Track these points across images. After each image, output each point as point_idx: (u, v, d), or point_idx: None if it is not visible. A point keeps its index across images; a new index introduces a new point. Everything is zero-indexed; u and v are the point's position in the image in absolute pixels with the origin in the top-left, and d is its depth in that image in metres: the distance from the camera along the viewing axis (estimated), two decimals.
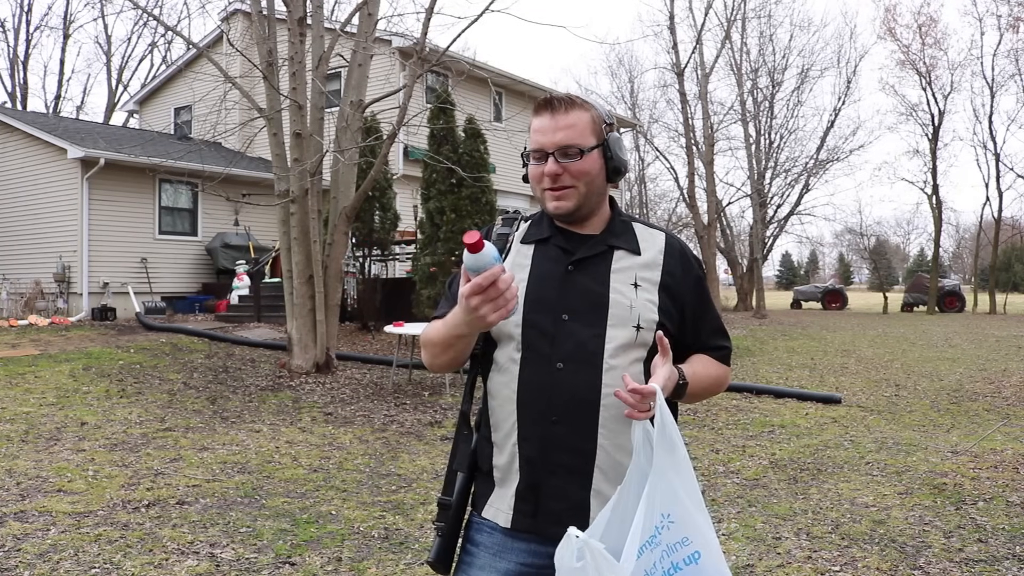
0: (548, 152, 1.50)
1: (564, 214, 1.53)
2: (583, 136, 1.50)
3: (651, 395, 1.34)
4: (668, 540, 1.30)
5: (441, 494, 1.54)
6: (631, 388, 1.34)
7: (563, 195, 1.51)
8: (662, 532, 1.29)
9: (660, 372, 1.40)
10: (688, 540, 1.31)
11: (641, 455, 1.34)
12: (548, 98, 1.52)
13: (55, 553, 3.62)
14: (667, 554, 1.29)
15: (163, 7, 30.84)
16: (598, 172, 1.53)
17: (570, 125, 1.49)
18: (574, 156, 1.49)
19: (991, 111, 30.68)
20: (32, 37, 30.21)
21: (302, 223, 8.88)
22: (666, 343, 1.43)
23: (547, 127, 1.50)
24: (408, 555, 3.74)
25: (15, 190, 14.65)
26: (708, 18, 29.24)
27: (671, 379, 1.42)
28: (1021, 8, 25.11)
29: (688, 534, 1.31)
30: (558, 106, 1.51)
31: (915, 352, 13.30)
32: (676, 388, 1.45)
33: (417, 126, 11.08)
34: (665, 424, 1.33)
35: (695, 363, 1.55)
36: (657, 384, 1.36)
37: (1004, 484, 4.97)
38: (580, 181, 1.50)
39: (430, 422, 7.02)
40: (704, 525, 1.33)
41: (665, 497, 1.31)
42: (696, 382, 1.51)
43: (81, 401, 7.19)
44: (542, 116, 1.52)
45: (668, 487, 1.31)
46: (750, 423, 7.14)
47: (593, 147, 1.51)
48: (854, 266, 70.27)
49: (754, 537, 4.02)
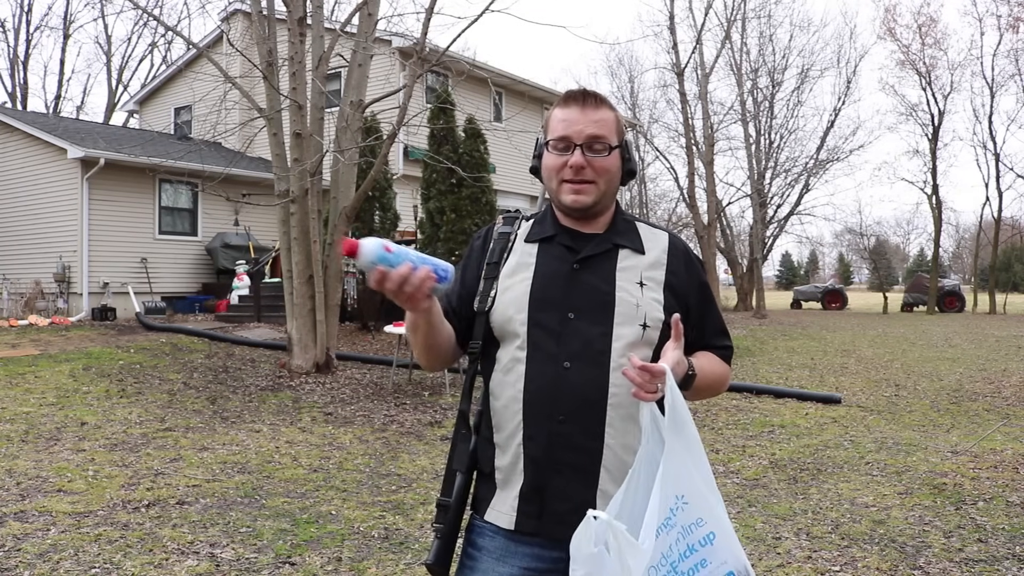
0: (575, 143, 1.48)
1: (581, 208, 1.51)
2: (610, 133, 1.50)
3: (660, 375, 1.33)
4: (683, 522, 1.30)
5: (440, 495, 1.52)
6: (639, 366, 1.33)
7: (583, 189, 1.50)
8: (677, 514, 1.29)
9: (671, 355, 1.39)
10: (703, 521, 1.31)
11: (650, 439, 1.34)
12: (582, 90, 1.52)
13: (55, 553, 3.62)
14: (682, 536, 1.29)
15: (163, 7, 30.86)
16: (617, 172, 1.53)
17: (601, 120, 1.49)
18: (601, 151, 1.49)
19: (991, 111, 30.72)
20: (32, 37, 30.23)
21: (302, 223, 8.88)
22: (680, 328, 1.41)
23: (577, 118, 1.49)
24: (408, 555, 3.74)
25: (15, 190, 14.65)
26: (708, 18, 29.22)
27: (681, 364, 1.40)
28: (1021, 8, 25.13)
29: (702, 515, 1.31)
30: (590, 100, 1.50)
31: (915, 352, 13.30)
32: (685, 377, 1.43)
33: (417, 126, 11.09)
34: (675, 404, 1.32)
35: (702, 359, 1.55)
36: (667, 364, 1.35)
37: (1004, 484, 4.97)
38: (602, 178, 1.50)
39: (430, 422, 7.01)
40: (716, 505, 1.33)
41: (679, 479, 1.30)
42: (703, 376, 1.50)
43: (81, 401, 7.19)
44: (571, 107, 1.50)
45: (681, 468, 1.31)
46: (750, 423, 7.14)
47: (617, 146, 1.51)
48: (854, 266, 70.24)
49: (754, 537, 4.01)
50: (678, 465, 1.31)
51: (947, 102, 27.09)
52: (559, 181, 1.51)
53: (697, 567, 1.29)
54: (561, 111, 1.51)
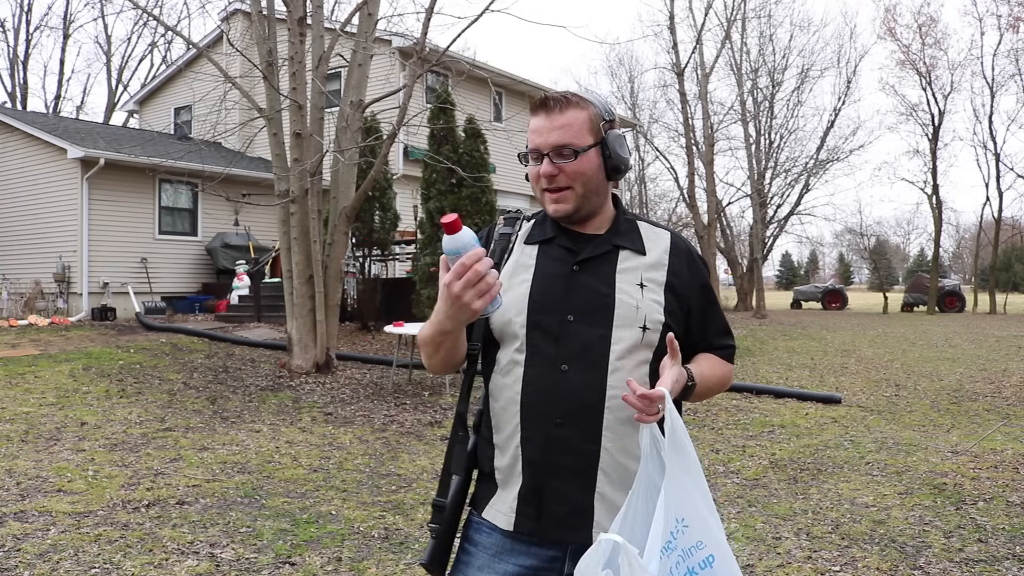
0: (543, 152, 1.48)
1: (563, 216, 1.52)
2: (579, 135, 1.48)
3: (659, 399, 1.33)
4: (683, 544, 1.30)
5: (436, 496, 1.52)
6: (639, 394, 1.32)
7: (560, 197, 1.50)
8: (677, 537, 1.29)
9: (668, 374, 1.40)
10: (702, 544, 1.31)
11: (649, 460, 1.34)
12: (543, 97, 1.50)
13: (55, 553, 3.62)
14: (683, 559, 1.30)
15: (163, 7, 30.84)
16: (595, 171, 1.50)
17: (565, 125, 1.47)
18: (568, 157, 1.47)
19: (991, 111, 30.69)
20: (32, 37, 30.24)
21: (302, 223, 8.88)
22: (675, 345, 1.42)
23: (542, 127, 1.49)
24: (408, 555, 3.74)
25: (15, 190, 14.65)
26: (708, 18, 29.29)
27: (679, 381, 1.42)
28: (1021, 8, 25.13)
29: (702, 538, 1.31)
30: (553, 106, 1.48)
31: (915, 352, 13.30)
32: (684, 389, 1.45)
33: (417, 126, 11.08)
34: (675, 428, 1.33)
35: (702, 363, 1.55)
36: (665, 387, 1.35)
37: (1004, 484, 4.97)
38: (576, 182, 1.48)
39: (430, 422, 7.01)
40: (715, 528, 1.33)
41: (679, 502, 1.31)
42: (703, 382, 1.50)
43: (81, 401, 7.19)
44: (538, 116, 1.50)
45: (681, 491, 1.31)
46: (750, 423, 7.14)
47: (590, 146, 1.48)
48: (854, 266, 70.27)
49: (754, 537, 4.01)
50: (678, 488, 1.31)
51: (947, 102, 27.12)
52: (540, 191, 1.52)
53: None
54: (532, 121, 1.51)
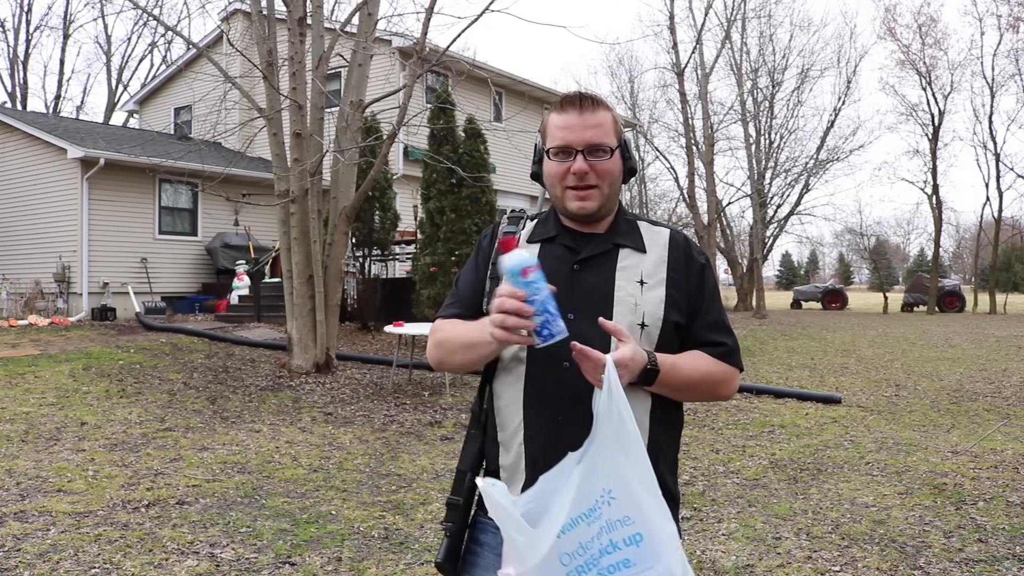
0: (576, 150, 1.48)
1: (587, 214, 1.52)
2: (609, 136, 1.50)
3: (599, 363, 1.33)
4: (608, 516, 1.27)
5: (450, 494, 1.54)
6: (577, 349, 1.34)
7: (588, 195, 1.50)
8: (602, 507, 1.27)
9: (621, 350, 1.37)
10: (629, 520, 1.27)
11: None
12: (578, 94, 1.51)
13: (55, 553, 3.62)
14: (606, 531, 1.27)
15: (163, 7, 30.81)
16: (619, 173, 1.53)
17: (599, 124, 1.49)
18: (602, 156, 1.48)
19: (991, 111, 30.74)
20: (32, 37, 30.25)
21: (302, 223, 8.88)
22: (613, 326, 1.39)
23: (575, 124, 1.48)
24: (408, 555, 3.73)
25: (15, 190, 14.65)
26: (708, 18, 29.28)
27: (635, 359, 1.38)
28: (1021, 8, 25.13)
29: (630, 514, 1.27)
30: (587, 103, 1.49)
31: (915, 352, 13.30)
32: (644, 372, 1.41)
33: (417, 126, 11.07)
34: (613, 397, 1.30)
35: (682, 356, 1.51)
36: (610, 357, 1.33)
37: (1004, 484, 4.97)
38: (604, 181, 1.50)
39: (430, 422, 7.01)
40: (652, 509, 1.29)
41: (607, 471, 1.28)
42: (675, 373, 1.45)
43: (81, 401, 7.19)
44: (569, 112, 1.50)
45: (611, 461, 1.28)
46: (750, 423, 7.14)
47: (617, 147, 1.51)
48: (854, 266, 70.25)
49: (754, 537, 4.01)
50: (608, 458, 1.28)
51: (947, 102, 27.11)
52: (563, 188, 1.51)
53: (620, 565, 1.26)
54: (559, 117, 1.51)
